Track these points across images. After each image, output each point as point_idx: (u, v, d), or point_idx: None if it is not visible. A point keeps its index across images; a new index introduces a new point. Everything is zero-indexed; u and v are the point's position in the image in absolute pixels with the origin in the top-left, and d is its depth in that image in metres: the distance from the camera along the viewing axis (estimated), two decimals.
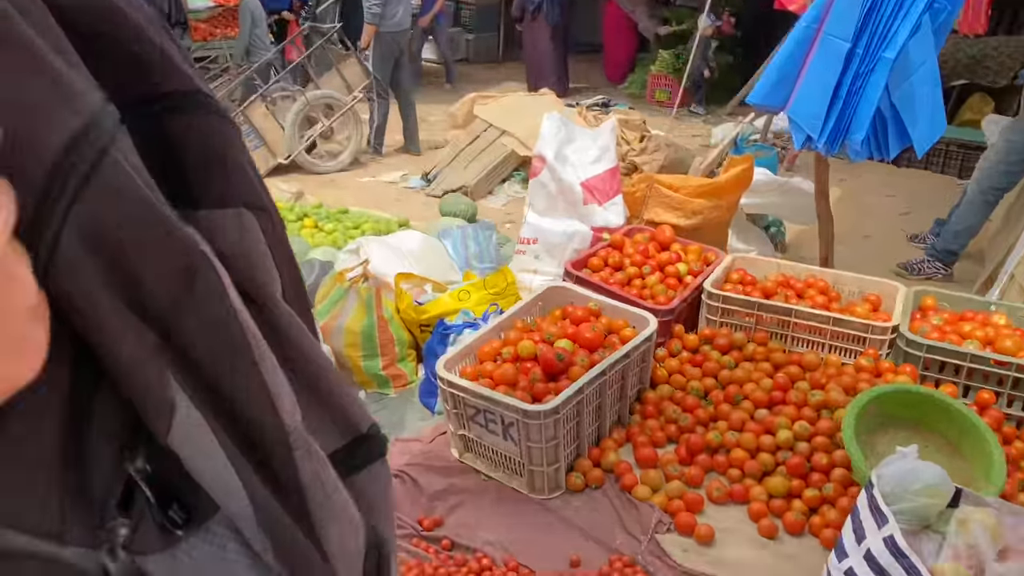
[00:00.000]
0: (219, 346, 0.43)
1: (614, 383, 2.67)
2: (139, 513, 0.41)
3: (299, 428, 0.47)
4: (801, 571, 2.25)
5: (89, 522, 0.39)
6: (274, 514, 0.46)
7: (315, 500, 0.47)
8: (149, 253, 0.40)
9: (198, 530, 0.44)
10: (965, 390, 2.65)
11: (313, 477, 0.47)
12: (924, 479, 1.88)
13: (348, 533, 0.51)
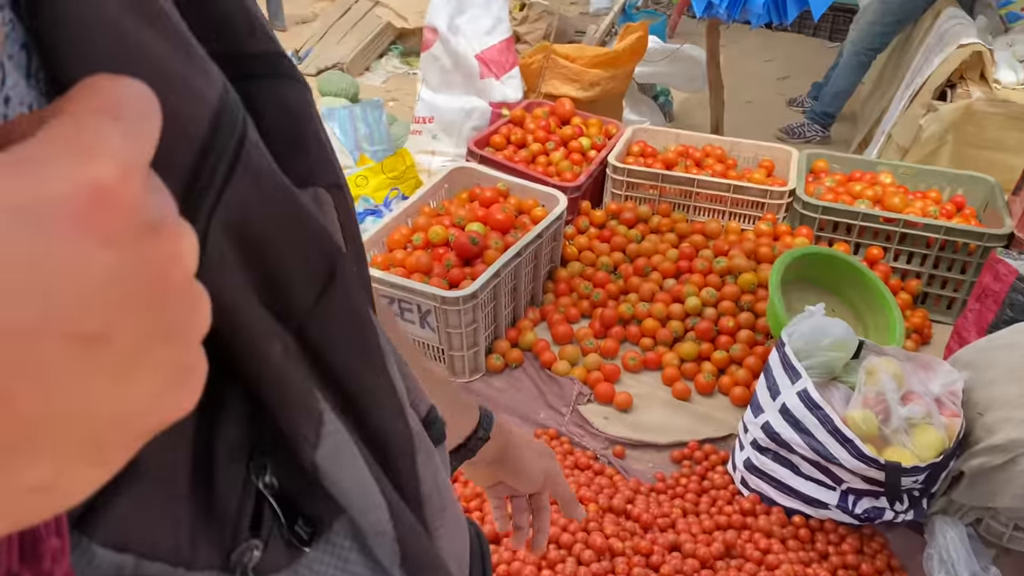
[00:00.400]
0: (353, 349, 0.40)
1: (528, 264, 2.67)
2: (268, 531, 0.38)
3: (421, 431, 0.45)
4: (714, 427, 2.38)
5: (220, 545, 0.35)
6: (408, 523, 0.43)
7: (432, 504, 0.45)
8: (295, 248, 0.36)
9: (319, 542, 0.41)
10: (856, 247, 2.80)
11: (432, 479, 0.46)
12: (832, 334, 2.00)
13: (456, 537, 0.50)
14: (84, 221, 0.19)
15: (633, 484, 2.10)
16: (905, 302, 2.70)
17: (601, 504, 1.91)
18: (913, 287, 2.75)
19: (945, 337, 2.65)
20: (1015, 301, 2.27)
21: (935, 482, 1.89)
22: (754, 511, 2.00)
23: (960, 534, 1.92)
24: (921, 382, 1.95)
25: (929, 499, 1.96)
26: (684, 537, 1.79)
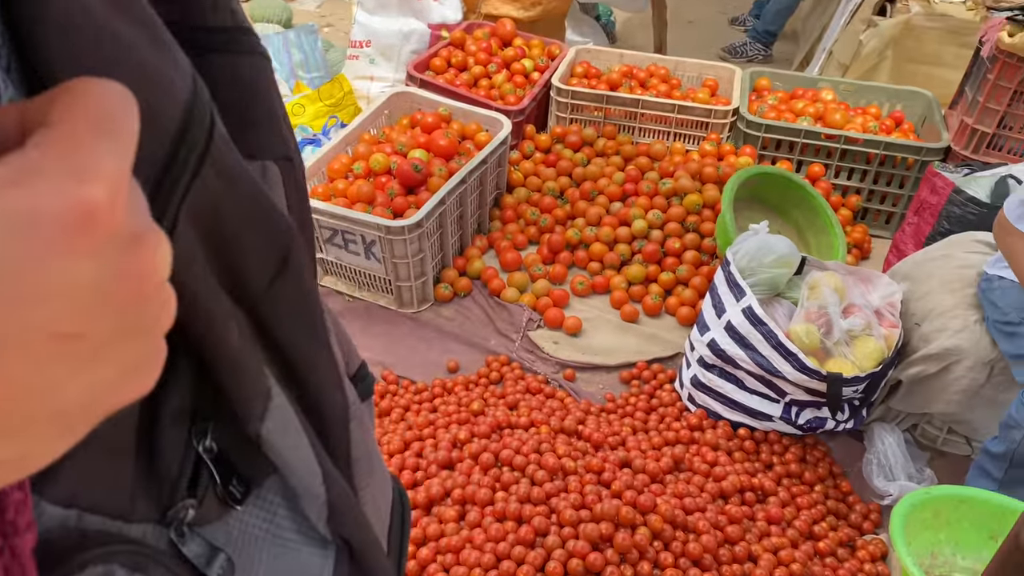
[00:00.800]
0: (300, 328, 0.42)
1: (473, 191, 2.62)
2: (203, 490, 0.40)
3: (355, 399, 0.47)
4: (661, 347, 2.42)
5: (159, 502, 0.38)
6: (338, 487, 0.45)
7: (360, 466, 0.48)
8: (255, 235, 0.38)
9: (251, 498, 0.43)
10: (798, 165, 2.82)
11: (362, 443, 0.49)
12: (776, 251, 2.02)
13: (380, 494, 0.54)
14: (74, 235, 0.21)
15: (584, 405, 2.13)
16: (846, 218, 2.74)
17: (553, 426, 1.92)
18: (853, 203, 2.79)
19: (884, 251, 2.71)
20: (951, 213, 2.32)
21: (875, 391, 1.95)
22: (701, 426, 2.05)
23: (897, 439, 2.00)
24: (861, 295, 1.99)
25: (868, 408, 2.02)
26: (634, 454, 1.82)
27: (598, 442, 1.89)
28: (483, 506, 1.63)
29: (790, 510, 1.80)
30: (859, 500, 1.92)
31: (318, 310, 0.44)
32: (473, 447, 1.81)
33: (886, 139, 2.67)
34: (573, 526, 1.51)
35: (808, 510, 1.80)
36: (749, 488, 1.83)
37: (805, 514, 1.78)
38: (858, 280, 2.05)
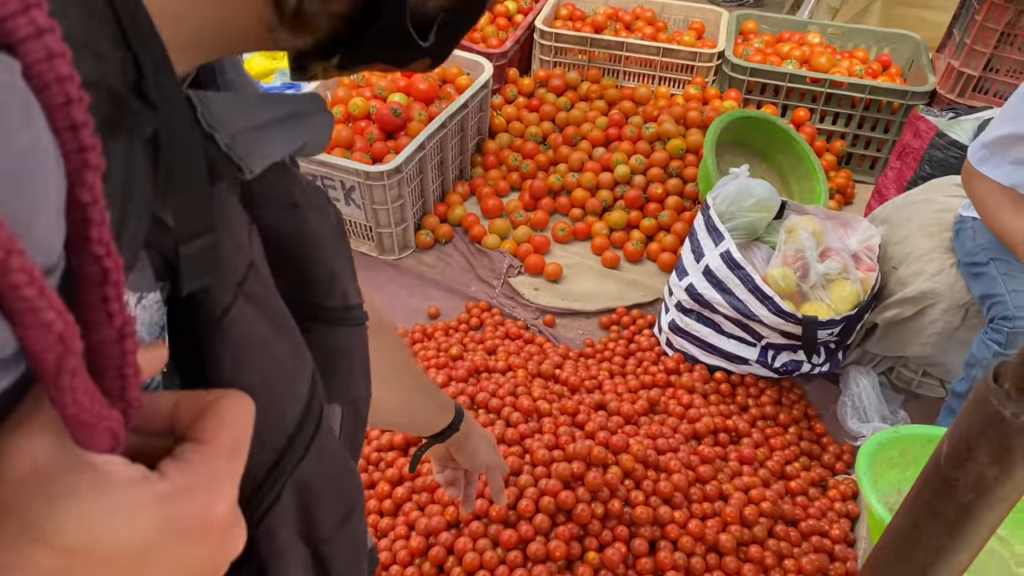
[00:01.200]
0: (350, 565, 0.51)
1: (454, 136, 2.59)
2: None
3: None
4: (642, 292, 2.42)
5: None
6: None
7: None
8: (333, 494, 0.47)
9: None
10: (783, 109, 2.79)
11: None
12: (755, 194, 2.00)
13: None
14: (205, 536, 0.31)
15: (562, 350, 2.14)
16: (830, 163, 2.73)
17: (530, 370, 1.93)
18: (838, 148, 2.77)
19: (867, 197, 2.70)
20: (933, 157, 2.30)
21: (850, 334, 1.96)
22: (678, 370, 2.06)
23: (872, 382, 2.01)
24: (839, 239, 1.99)
25: (844, 351, 2.04)
26: (610, 397, 1.84)
27: (574, 386, 1.90)
28: None
29: (763, 451, 1.82)
30: (833, 441, 1.94)
31: (364, 546, 0.54)
32: (450, 390, 1.82)
33: (871, 83, 2.64)
34: (545, 465, 1.53)
35: (781, 451, 1.82)
36: (723, 429, 1.85)
37: (778, 455, 1.80)
38: (837, 224, 2.04)
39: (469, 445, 0.98)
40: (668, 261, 2.46)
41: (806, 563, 1.51)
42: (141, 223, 0.31)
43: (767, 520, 1.58)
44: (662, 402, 1.91)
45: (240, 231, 0.39)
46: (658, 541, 1.49)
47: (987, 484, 0.43)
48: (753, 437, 1.85)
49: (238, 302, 0.37)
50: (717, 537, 1.51)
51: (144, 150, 0.30)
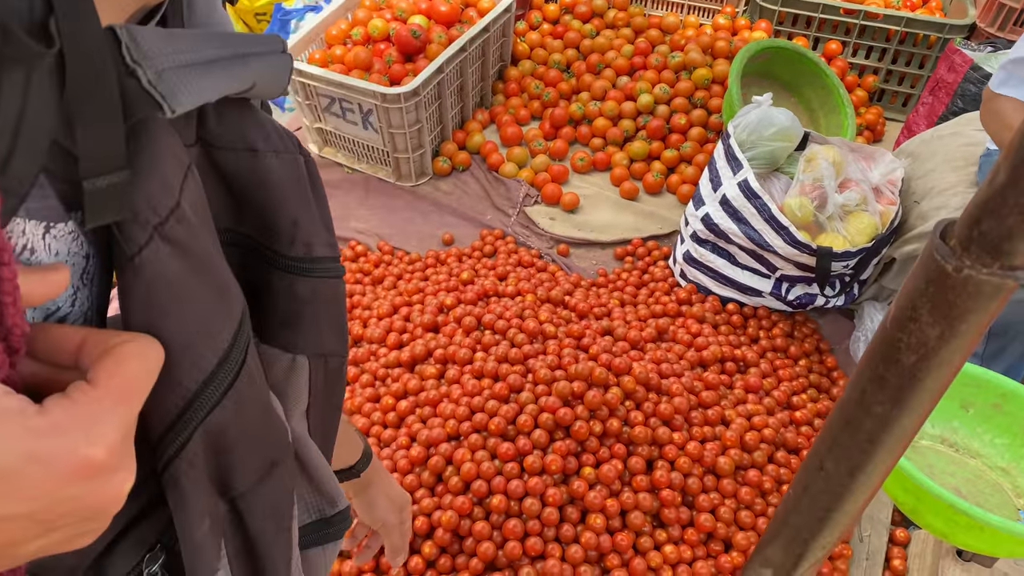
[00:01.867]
0: (270, 519, 0.49)
1: (475, 60, 2.56)
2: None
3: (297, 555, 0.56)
4: (659, 224, 2.39)
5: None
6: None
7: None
8: (253, 448, 0.46)
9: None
10: (815, 42, 2.70)
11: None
12: (777, 123, 1.96)
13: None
14: (73, 476, 0.31)
15: (574, 279, 2.13)
16: (860, 99, 2.65)
17: (539, 295, 1.94)
18: (870, 83, 2.68)
19: (896, 135, 2.62)
20: (966, 92, 2.23)
21: (866, 268, 1.93)
22: (689, 300, 2.05)
23: None
24: (861, 171, 1.94)
25: (860, 286, 2.01)
26: (617, 323, 1.84)
27: (583, 312, 1.90)
28: (462, 364, 1.67)
29: (770, 381, 1.81)
30: (844, 376, 1.92)
31: (290, 503, 0.53)
32: (458, 312, 1.83)
33: (908, 15, 2.54)
34: (547, 384, 1.54)
35: (789, 382, 1.81)
36: (731, 359, 1.84)
37: (785, 385, 1.79)
38: (860, 156, 1.99)
39: (367, 495, 0.91)
40: (687, 193, 2.42)
41: None
42: (36, 153, 0.32)
43: (768, 447, 1.58)
44: (671, 331, 1.90)
45: (171, 171, 0.38)
46: (656, 460, 1.50)
47: (930, 346, 0.42)
48: (760, 367, 1.84)
49: (153, 243, 0.37)
50: (715, 460, 1.51)
51: (49, 82, 0.31)
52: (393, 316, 1.91)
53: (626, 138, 2.59)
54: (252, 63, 0.41)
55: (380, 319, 1.91)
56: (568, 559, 1.37)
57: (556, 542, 1.40)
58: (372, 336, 1.84)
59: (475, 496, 1.42)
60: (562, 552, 1.38)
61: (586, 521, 1.42)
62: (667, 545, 1.42)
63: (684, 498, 1.49)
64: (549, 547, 1.39)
